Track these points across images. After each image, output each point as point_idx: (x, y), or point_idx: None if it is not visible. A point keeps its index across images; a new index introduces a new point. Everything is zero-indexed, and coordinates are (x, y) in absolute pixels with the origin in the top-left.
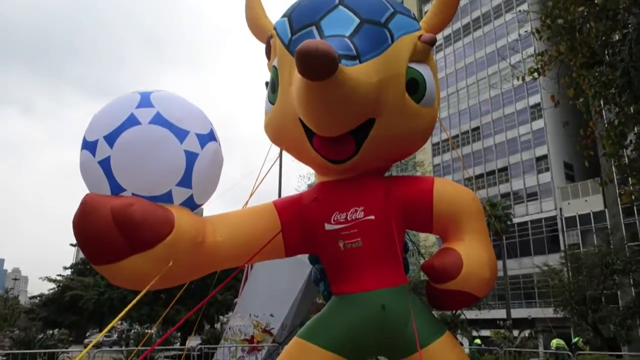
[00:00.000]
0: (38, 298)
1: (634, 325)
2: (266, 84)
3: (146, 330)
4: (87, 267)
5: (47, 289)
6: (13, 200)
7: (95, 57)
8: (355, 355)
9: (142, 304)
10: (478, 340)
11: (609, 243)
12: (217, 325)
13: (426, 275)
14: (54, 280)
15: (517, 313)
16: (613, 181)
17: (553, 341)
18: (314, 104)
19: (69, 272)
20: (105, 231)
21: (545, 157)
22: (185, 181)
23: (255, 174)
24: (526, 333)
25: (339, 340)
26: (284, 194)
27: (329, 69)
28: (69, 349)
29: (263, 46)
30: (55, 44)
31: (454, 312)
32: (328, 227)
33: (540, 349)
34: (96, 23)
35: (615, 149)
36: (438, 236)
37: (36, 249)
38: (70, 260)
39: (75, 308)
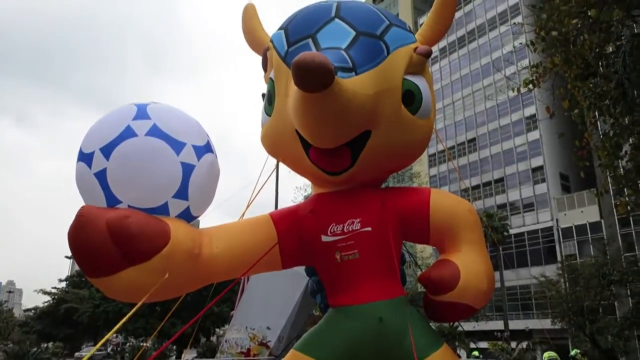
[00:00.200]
0: (32, 311)
1: (631, 336)
2: (263, 95)
3: (141, 344)
4: (83, 280)
5: (42, 301)
6: (7, 211)
7: (93, 68)
8: None
9: (138, 316)
10: (476, 352)
11: (606, 254)
12: (213, 338)
13: (423, 286)
14: (49, 293)
15: (515, 324)
16: (609, 192)
17: (545, 354)
18: (311, 116)
19: (64, 285)
20: (100, 243)
21: (541, 168)
22: (182, 193)
23: (252, 186)
24: (524, 344)
25: (336, 352)
26: (280, 206)
27: (325, 81)
28: None
29: (260, 58)
30: (53, 54)
31: (451, 324)
32: (325, 239)
33: None
34: (95, 33)
35: (610, 160)
36: (435, 247)
37: (31, 261)
38: (65, 272)
39: (70, 321)
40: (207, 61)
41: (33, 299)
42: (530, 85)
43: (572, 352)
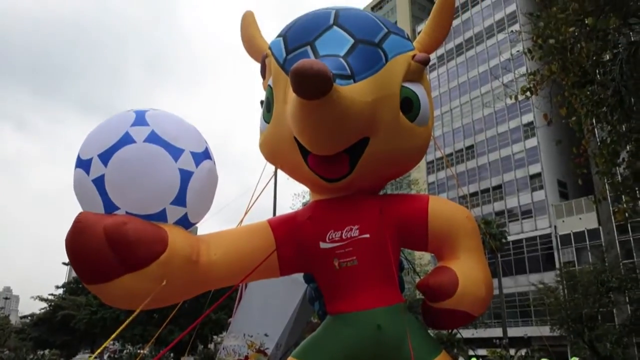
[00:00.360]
0: (29, 318)
1: (630, 343)
2: (261, 102)
3: (139, 351)
4: (80, 286)
5: (39, 308)
6: (4, 217)
7: (93, 74)
8: None
9: (135, 323)
10: None
11: (604, 261)
12: (211, 346)
13: (422, 294)
14: (46, 300)
15: (514, 332)
16: (606, 199)
17: None
18: (309, 123)
19: (61, 291)
20: (98, 250)
21: (539, 175)
22: (180, 199)
23: (250, 193)
24: (523, 352)
25: (334, 359)
26: (278, 213)
27: (323, 88)
28: None
29: (258, 65)
30: (53, 61)
31: (450, 331)
32: (323, 246)
33: None
34: (95, 40)
35: (608, 167)
36: (433, 254)
37: (28, 267)
38: (62, 279)
39: (67, 328)
40: (207, 68)
41: (30, 306)
42: (528, 93)
43: None
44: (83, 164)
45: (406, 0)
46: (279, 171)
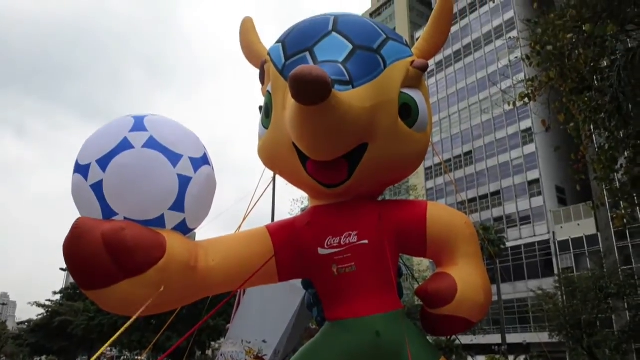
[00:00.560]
0: (26, 324)
1: (629, 350)
2: (260, 108)
3: (136, 357)
4: (77, 292)
5: (36, 314)
6: (1, 222)
7: (91, 80)
8: None
9: (133, 330)
10: None
11: (603, 267)
12: (209, 352)
13: (420, 300)
14: (43, 306)
15: (512, 338)
16: (605, 205)
17: None
18: (308, 129)
19: (58, 297)
20: (96, 256)
21: (537, 181)
22: (178, 205)
23: (249, 198)
24: (522, 358)
25: None
26: (277, 218)
27: (322, 93)
28: None
29: (257, 71)
30: (52, 66)
31: (448, 338)
32: (321, 252)
33: None
34: (93, 46)
35: (606, 173)
36: (432, 260)
37: (25, 273)
38: (60, 284)
39: (65, 334)
40: (206, 73)
41: (27, 312)
42: (526, 99)
43: None
44: (81, 169)
45: (405, 7)
46: (278, 177)
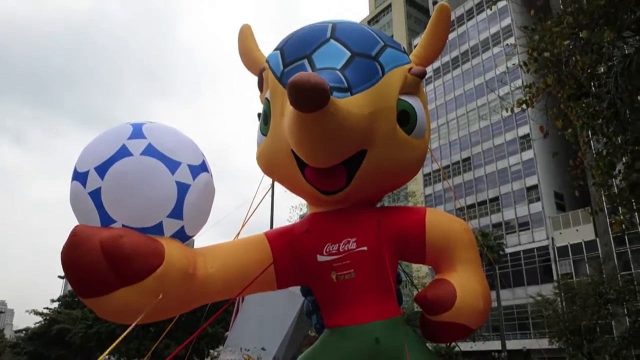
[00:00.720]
0: (24, 332)
1: (629, 356)
2: (258, 115)
3: None
4: (75, 300)
5: (34, 322)
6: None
7: (90, 87)
8: None
9: (131, 337)
10: None
11: (602, 272)
12: None
13: (419, 306)
14: (41, 314)
15: (512, 344)
16: (603, 210)
17: None
18: (306, 136)
19: (56, 305)
20: (94, 263)
21: (535, 187)
22: (176, 212)
23: (247, 205)
24: None
25: None
26: (275, 225)
27: (320, 101)
28: None
29: (256, 78)
30: (51, 73)
31: (448, 344)
32: (320, 259)
33: None
34: (93, 53)
35: (604, 179)
36: (431, 267)
37: (23, 280)
38: (58, 292)
39: (62, 342)
40: (205, 81)
41: (25, 320)
42: (524, 105)
43: None
44: (79, 177)
45: (402, 14)
46: (276, 184)
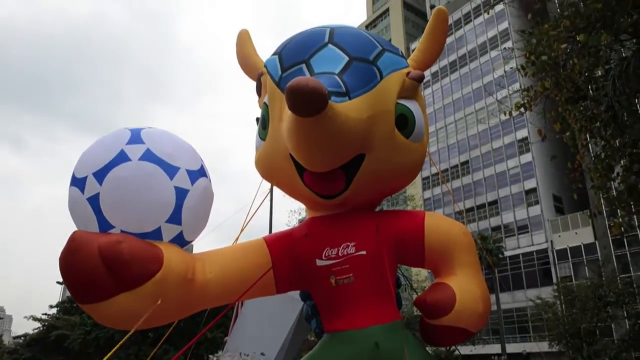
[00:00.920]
0: (22, 338)
1: (629, 358)
2: (257, 120)
3: None
4: (74, 306)
5: (32, 328)
6: None
7: (89, 93)
8: None
9: (130, 343)
10: None
11: (601, 275)
12: None
13: (419, 310)
14: (39, 320)
15: (512, 348)
16: (602, 213)
17: None
18: (304, 140)
19: (54, 311)
20: (92, 269)
21: (534, 190)
22: (175, 218)
23: (246, 210)
24: None
25: None
26: (274, 230)
27: (319, 105)
28: None
29: (254, 83)
30: (50, 79)
31: (448, 348)
32: (319, 263)
33: None
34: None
35: (602, 182)
36: (430, 270)
37: (22, 286)
38: (56, 298)
39: (61, 348)
40: (205, 85)
41: (23, 326)
42: (522, 109)
43: None
44: (78, 182)
45: (400, 19)
46: (275, 188)
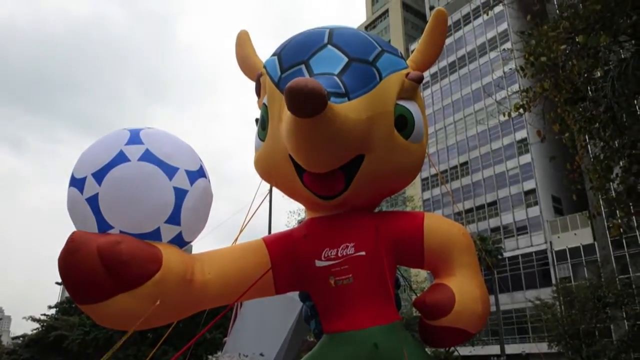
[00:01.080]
0: (21, 338)
1: (628, 359)
2: (256, 120)
3: None
4: (73, 306)
5: (31, 329)
6: None
7: (89, 94)
8: None
9: (129, 344)
10: None
11: (600, 276)
12: None
13: (418, 311)
14: (38, 320)
15: (511, 349)
16: (601, 214)
17: None
18: (304, 141)
19: (53, 312)
20: (91, 269)
21: (533, 191)
22: (174, 218)
23: (245, 211)
24: None
25: None
26: (274, 230)
27: (318, 106)
28: None
29: (253, 84)
30: (49, 80)
31: (447, 349)
32: (318, 264)
33: None
34: (92, 60)
35: (601, 183)
36: (429, 271)
37: (21, 287)
38: (55, 299)
39: (60, 349)
40: (204, 86)
41: (22, 326)
42: (521, 110)
43: None
44: (77, 183)
45: (399, 20)
46: (274, 189)
